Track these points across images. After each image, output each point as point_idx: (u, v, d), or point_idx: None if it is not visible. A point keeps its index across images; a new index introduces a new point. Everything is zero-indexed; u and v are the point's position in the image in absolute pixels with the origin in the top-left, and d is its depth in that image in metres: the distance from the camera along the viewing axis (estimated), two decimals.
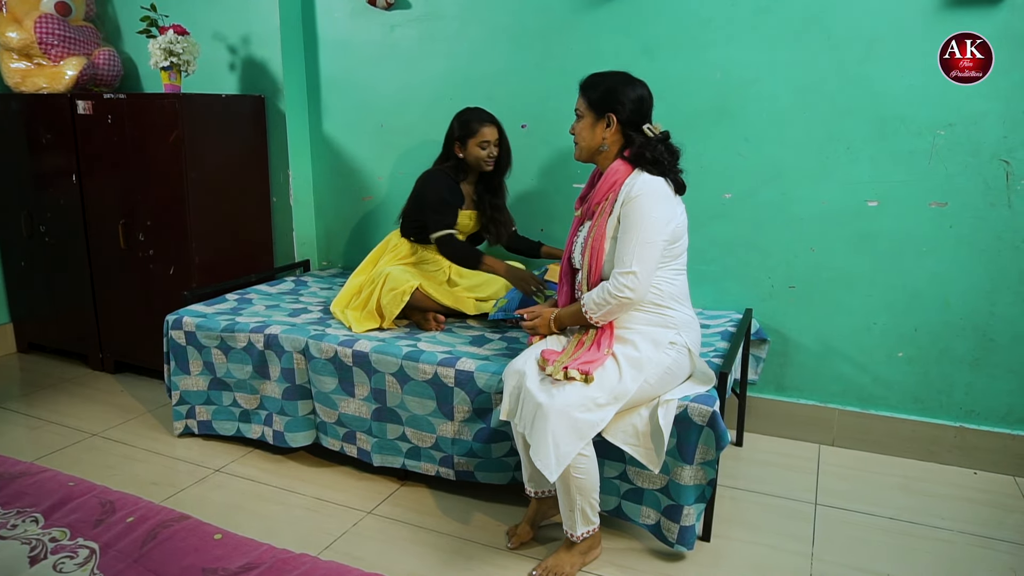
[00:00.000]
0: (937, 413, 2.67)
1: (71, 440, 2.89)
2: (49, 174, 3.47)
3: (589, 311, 2.03)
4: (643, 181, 2.00)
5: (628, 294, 1.95)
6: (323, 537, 2.25)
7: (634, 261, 1.95)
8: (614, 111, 2.05)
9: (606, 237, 2.04)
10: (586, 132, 2.10)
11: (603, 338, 2.04)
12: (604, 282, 2.01)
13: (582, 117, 2.11)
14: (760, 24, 2.64)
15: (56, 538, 1.62)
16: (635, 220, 1.96)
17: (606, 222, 2.04)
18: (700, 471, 2.04)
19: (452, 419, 2.35)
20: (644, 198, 1.97)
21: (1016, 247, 2.47)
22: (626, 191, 2.01)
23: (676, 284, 2.09)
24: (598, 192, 2.08)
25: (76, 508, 1.74)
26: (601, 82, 2.09)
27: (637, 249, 1.95)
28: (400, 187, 3.41)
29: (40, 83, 3.44)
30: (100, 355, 3.59)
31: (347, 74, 3.41)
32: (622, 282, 1.95)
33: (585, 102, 2.10)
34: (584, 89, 2.12)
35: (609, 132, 2.07)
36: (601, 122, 2.07)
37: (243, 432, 2.77)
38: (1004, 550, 2.19)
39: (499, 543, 2.22)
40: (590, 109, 2.09)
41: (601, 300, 1.99)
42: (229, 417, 2.78)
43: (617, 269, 1.98)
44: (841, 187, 2.64)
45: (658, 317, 2.06)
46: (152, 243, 3.25)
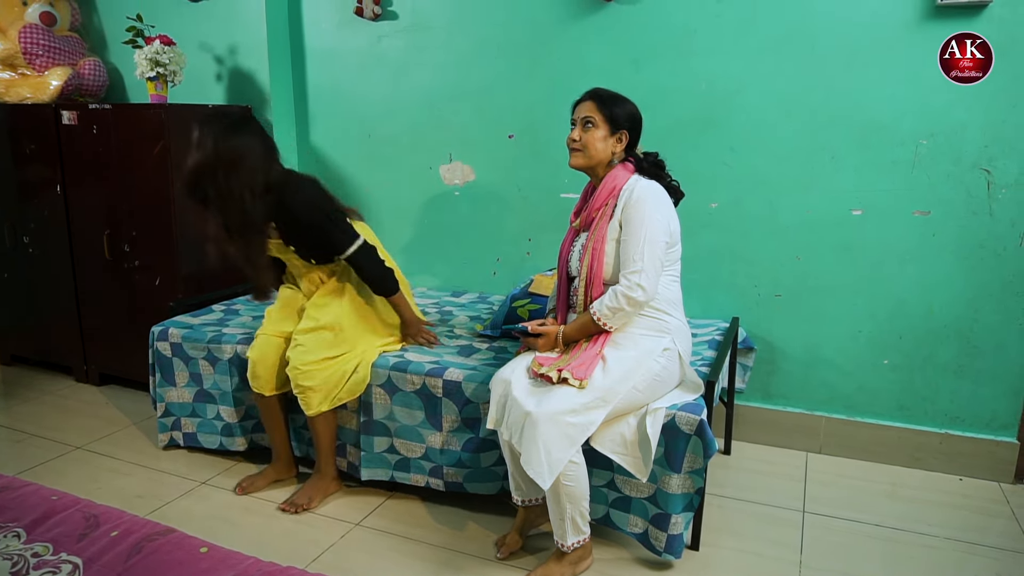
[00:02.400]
0: (922, 420, 2.69)
1: (54, 453, 2.85)
2: (33, 184, 3.44)
3: (603, 318, 2.02)
4: (644, 184, 2.03)
5: (639, 293, 1.96)
6: (311, 549, 2.23)
7: (642, 259, 1.96)
8: (630, 130, 2.08)
9: (607, 240, 2.04)
10: (599, 143, 2.07)
11: (597, 339, 2.05)
12: (614, 286, 2.01)
13: (595, 127, 2.07)
14: (744, 35, 2.67)
15: (39, 553, 1.60)
16: (639, 221, 1.98)
17: (607, 226, 2.05)
18: (688, 479, 2.05)
19: (441, 429, 2.35)
20: (646, 200, 1.99)
21: (998, 255, 2.50)
22: (627, 195, 2.03)
23: (672, 290, 2.11)
24: (597, 199, 2.09)
25: (59, 522, 1.71)
26: (619, 99, 2.09)
27: (644, 248, 1.96)
28: (387, 197, 3.41)
29: (24, 93, 3.42)
30: (85, 367, 3.56)
31: (334, 84, 3.41)
32: (633, 280, 1.96)
33: (603, 115, 2.06)
34: (602, 101, 2.07)
35: (620, 147, 2.09)
36: (614, 137, 2.08)
37: (226, 446, 2.74)
38: (990, 555, 2.20)
39: (488, 553, 2.22)
40: (607, 122, 2.06)
41: (614, 304, 1.99)
42: (212, 430, 2.76)
43: (625, 270, 1.99)
44: (826, 196, 2.67)
45: (655, 322, 2.06)
46: (137, 254, 3.23)
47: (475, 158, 3.21)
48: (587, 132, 2.07)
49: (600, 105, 2.07)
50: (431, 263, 3.41)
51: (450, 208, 3.30)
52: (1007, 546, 2.25)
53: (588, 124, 2.07)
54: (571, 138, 2.10)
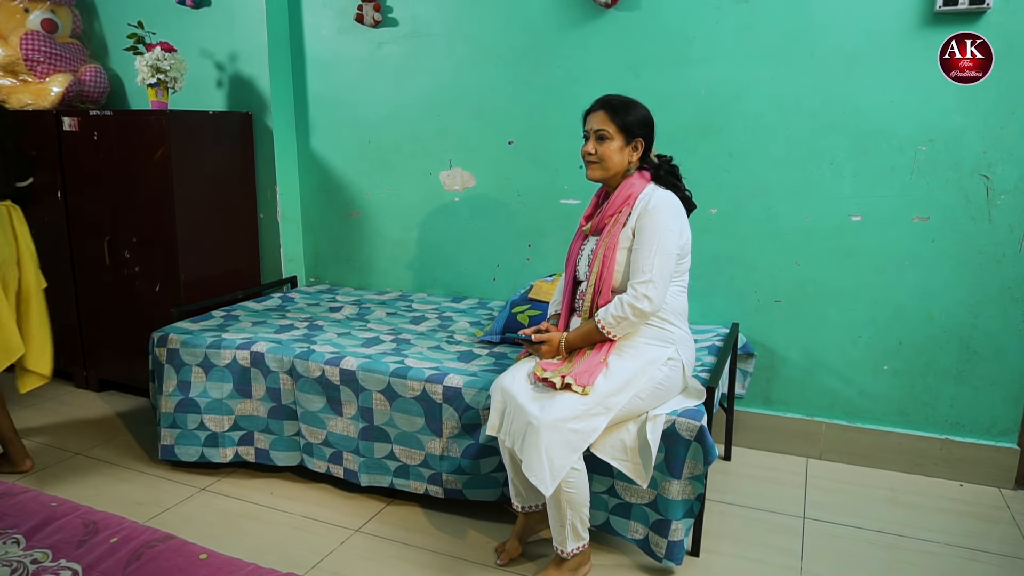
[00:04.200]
0: (923, 426, 2.69)
1: (54, 459, 2.85)
2: (34, 191, 3.44)
3: (607, 326, 2.01)
4: (660, 194, 2.03)
5: (645, 304, 1.96)
6: (310, 556, 2.23)
7: (653, 270, 1.96)
8: (645, 138, 2.07)
9: (618, 247, 2.04)
10: (616, 155, 2.05)
11: (601, 347, 2.04)
12: (620, 295, 2.00)
13: (609, 139, 2.05)
14: (743, 42, 2.68)
15: (38, 560, 1.60)
16: (652, 231, 1.97)
17: (619, 233, 2.04)
18: (688, 486, 2.04)
19: (440, 435, 2.34)
20: (661, 210, 1.99)
21: (997, 260, 2.50)
22: (643, 203, 2.02)
23: (679, 301, 2.10)
24: (611, 205, 2.08)
25: (58, 529, 1.71)
26: (631, 106, 2.07)
27: (656, 259, 1.96)
28: (387, 203, 3.42)
29: (26, 100, 3.43)
30: (85, 373, 3.55)
31: (334, 91, 3.42)
32: (640, 291, 1.96)
33: (616, 125, 2.04)
34: (614, 111, 2.05)
35: (635, 156, 2.08)
36: (629, 146, 2.06)
37: (208, 457, 2.65)
38: (990, 562, 2.20)
39: (488, 560, 2.21)
40: (621, 132, 2.05)
41: (620, 313, 1.99)
42: (194, 442, 2.66)
43: (634, 279, 1.98)
44: (825, 202, 2.67)
45: (660, 332, 2.06)
46: (138, 260, 3.23)
47: (475, 164, 3.21)
48: (602, 145, 2.05)
49: (613, 115, 2.04)
50: (431, 269, 3.41)
51: (450, 214, 3.30)
52: (1008, 552, 2.25)
53: (602, 136, 2.05)
54: (586, 151, 2.07)
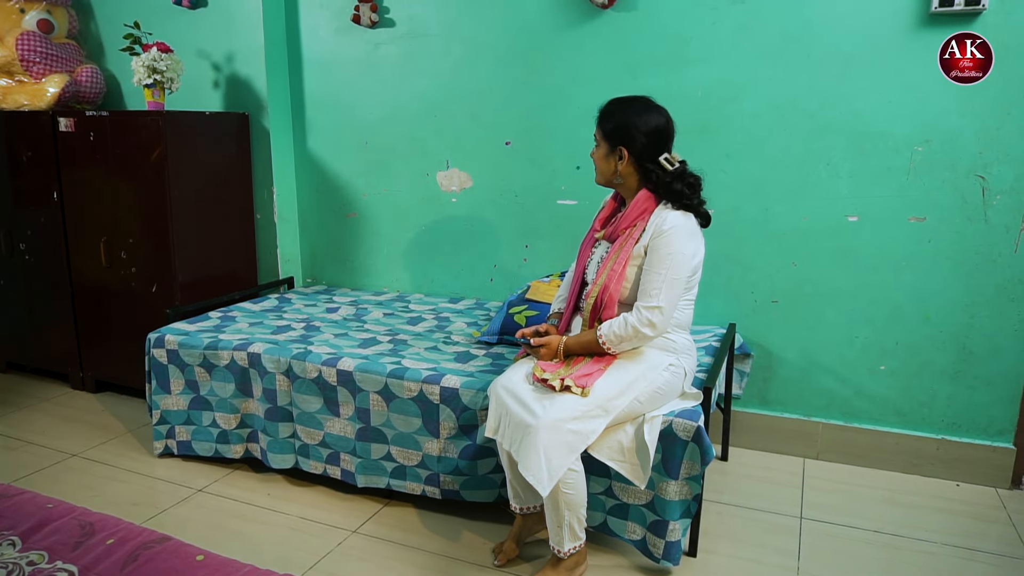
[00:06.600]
0: (919, 426, 2.70)
1: (50, 461, 2.84)
2: (30, 192, 3.44)
3: (608, 342, 2.00)
4: (673, 217, 2.00)
5: (649, 330, 1.96)
6: (307, 557, 2.22)
7: (661, 296, 1.95)
8: (626, 145, 2.03)
9: (629, 263, 2.03)
10: (601, 162, 2.08)
11: (601, 360, 2.03)
12: (626, 314, 2.00)
13: (597, 146, 2.09)
14: (740, 42, 2.68)
15: (34, 561, 1.59)
16: (663, 256, 1.96)
17: (631, 249, 2.03)
18: (685, 486, 2.05)
19: (438, 436, 2.34)
20: (674, 235, 1.97)
21: (993, 260, 2.51)
22: (655, 224, 2.00)
23: (685, 313, 2.10)
24: (625, 218, 2.07)
25: (55, 530, 1.71)
26: (617, 112, 2.05)
27: (664, 285, 1.95)
28: (385, 204, 3.42)
29: (21, 100, 3.42)
30: (81, 374, 3.55)
31: (331, 91, 3.42)
32: (647, 316, 1.95)
33: (600, 132, 2.07)
34: (600, 118, 2.07)
35: (622, 165, 2.05)
36: (614, 154, 2.05)
37: (221, 453, 2.73)
38: (987, 561, 2.21)
39: (485, 561, 2.21)
40: (604, 139, 2.06)
41: (623, 333, 1.98)
42: (208, 438, 2.75)
43: (642, 303, 1.97)
44: (821, 203, 2.67)
45: (664, 341, 2.06)
46: (134, 261, 3.23)
47: (472, 165, 3.21)
48: (595, 150, 2.10)
49: (599, 122, 2.08)
50: (428, 269, 3.41)
51: (447, 215, 3.30)
52: (1004, 551, 2.25)
53: (595, 142, 2.09)
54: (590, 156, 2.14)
